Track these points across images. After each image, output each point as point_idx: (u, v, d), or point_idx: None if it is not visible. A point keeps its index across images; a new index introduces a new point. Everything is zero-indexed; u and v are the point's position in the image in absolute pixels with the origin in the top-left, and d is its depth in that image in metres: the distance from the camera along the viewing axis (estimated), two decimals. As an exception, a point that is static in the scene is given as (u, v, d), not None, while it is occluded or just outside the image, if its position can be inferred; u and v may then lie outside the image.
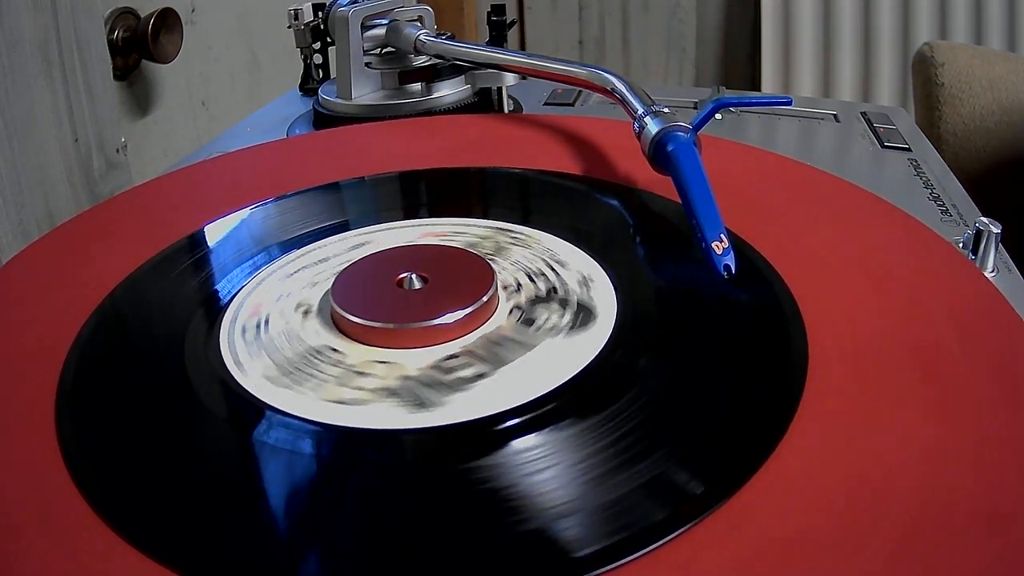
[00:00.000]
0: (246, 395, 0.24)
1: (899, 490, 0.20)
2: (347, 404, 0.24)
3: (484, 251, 0.31)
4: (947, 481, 0.20)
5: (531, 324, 0.27)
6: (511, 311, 0.28)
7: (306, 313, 0.28)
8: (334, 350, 0.26)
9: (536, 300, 0.28)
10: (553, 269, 0.30)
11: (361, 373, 0.25)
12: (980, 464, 0.20)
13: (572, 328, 0.26)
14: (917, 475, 0.20)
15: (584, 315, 0.27)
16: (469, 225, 0.33)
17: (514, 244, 0.32)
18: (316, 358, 0.26)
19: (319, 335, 0.27)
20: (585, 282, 0.29)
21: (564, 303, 0.28)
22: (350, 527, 0.20)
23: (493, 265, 0.29)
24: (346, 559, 0.19)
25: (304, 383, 0.25)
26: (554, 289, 0.29)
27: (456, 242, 0.32)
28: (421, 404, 0.23)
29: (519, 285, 0.29)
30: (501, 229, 0.33)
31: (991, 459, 0.20)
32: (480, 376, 0.24)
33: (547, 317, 0.27)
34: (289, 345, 0.27)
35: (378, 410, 0.23)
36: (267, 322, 0.28)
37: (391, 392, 0.24)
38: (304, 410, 0.24)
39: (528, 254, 0.31)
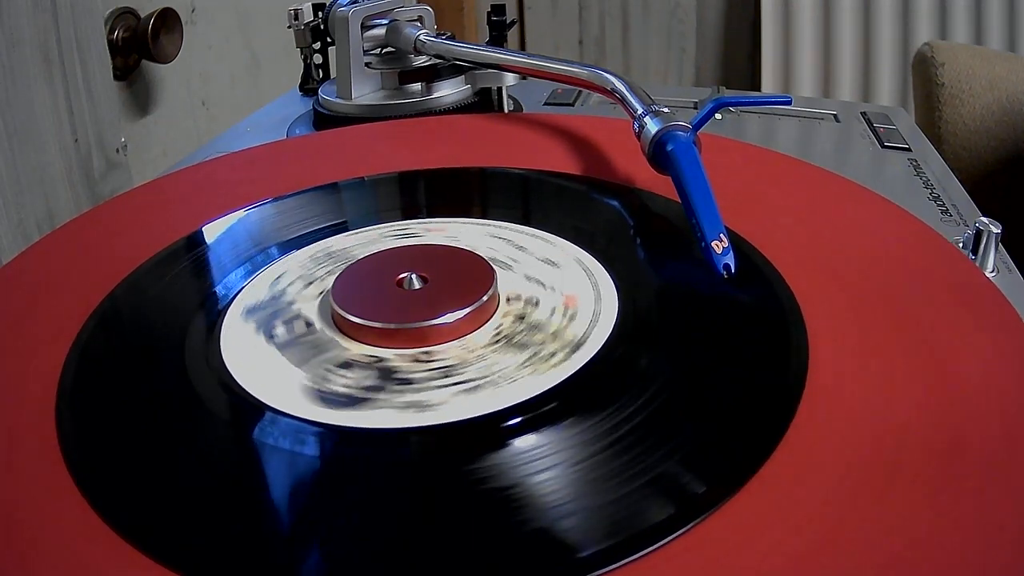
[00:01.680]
0: (246, 395, 0.24)
1: (899, 489, 0.20)
2: (347, 404, 0.24)
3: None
4: (946, 483, 0.20)
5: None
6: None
7: (305, 313, 0.28)
8: (333, 350, 0.26)
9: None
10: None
11: (360, 373, 0.25)
12: (982, 462, 0.20)
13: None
14: (917, 477, 0.20)
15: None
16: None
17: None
18: (315, 358, 0.26)
19: (318, 335, 0.27)
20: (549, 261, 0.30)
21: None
22: (350, 527, 0.20)
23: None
24: (346, 559, 0.19)
25: (303, 383, 0.25)
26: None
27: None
28: (422, 403, 0.24)
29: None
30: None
31: (993, 456, 0.20)
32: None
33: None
34: (288, 345, 0.27)
35: (378, 410, 0.23)
36: (266, 322, 0.28)
37: (392, 392, 0.24)
38: (304, 410, 0.24)
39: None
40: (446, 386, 0.24)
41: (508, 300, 0.28)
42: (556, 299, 0.28)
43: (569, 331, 0.26)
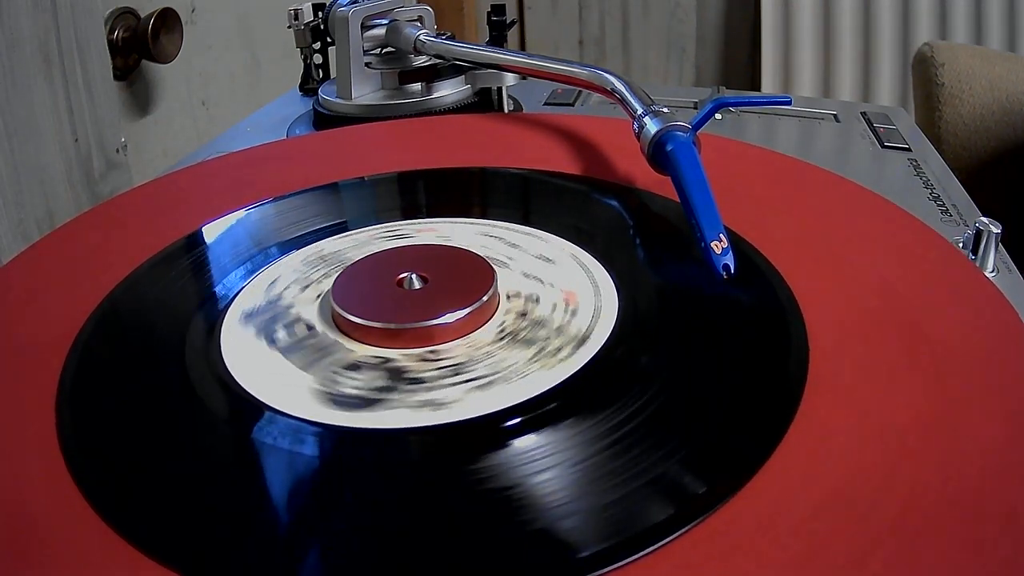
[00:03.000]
0: (246, 395, 0.24)
1: (900, 489, 0.20)
2: (347, 404, 0.24)
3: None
4: (947, 481, 0.20)
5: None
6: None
7: (305, 314, 0.28)
8: (333, 350, 0.26)
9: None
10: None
11: (360, 373, 0.25)
12: (981, 461, 0.20)
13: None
14: (918, 474, 0.20)
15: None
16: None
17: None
18: (315, 358, 0.26)
19: (318, 334, 0.27)
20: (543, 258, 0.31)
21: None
22: (350, 527, 0.20)
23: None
24: (346, 559, 0.19)
25: (304, 383, 0.25)
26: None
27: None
28: (436, 402, 0.24)
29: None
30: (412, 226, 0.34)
31: (990, 458, 0.20)
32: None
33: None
34: (287, 344, 0.27)
35: (379, 409, 0.23)
36: (267, 324, 0.28)
37: (392, 391, 0.24)
38: (304, 410, 0.24)
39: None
40: (457, 383, 0.24)
41: (508, 298, 0.28)
42: (556, 295, 0.28)
43: (572, 326, 0.26)
